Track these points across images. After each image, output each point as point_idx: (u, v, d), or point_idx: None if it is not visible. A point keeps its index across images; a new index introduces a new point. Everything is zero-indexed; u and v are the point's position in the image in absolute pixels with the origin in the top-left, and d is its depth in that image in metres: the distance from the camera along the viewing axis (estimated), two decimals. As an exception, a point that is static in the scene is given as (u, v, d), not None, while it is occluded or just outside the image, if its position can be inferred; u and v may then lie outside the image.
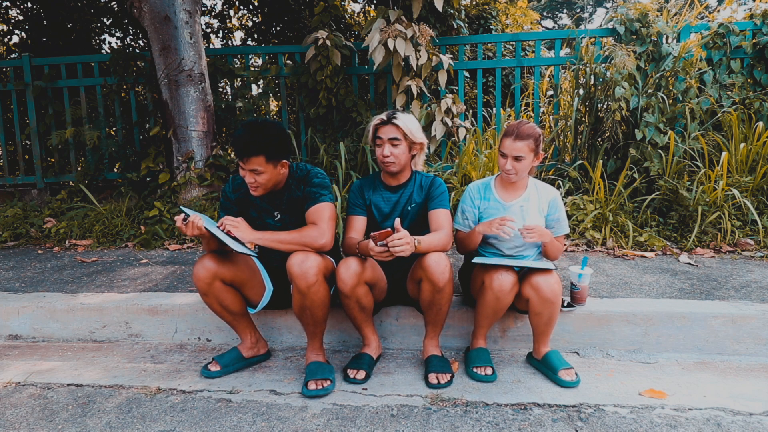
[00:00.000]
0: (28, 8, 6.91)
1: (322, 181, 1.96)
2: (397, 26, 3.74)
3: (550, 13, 20.29)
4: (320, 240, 1.83)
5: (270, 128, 1.81)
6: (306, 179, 1.96)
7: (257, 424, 1.59)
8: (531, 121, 1.99)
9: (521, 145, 1.89)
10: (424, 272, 1.81)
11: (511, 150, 1.90)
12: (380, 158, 2.01)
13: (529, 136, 1.89)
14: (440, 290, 1.81)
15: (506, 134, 1.93)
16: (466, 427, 1.55)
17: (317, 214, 1.89)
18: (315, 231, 1.84)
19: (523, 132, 1.89)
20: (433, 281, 1.79)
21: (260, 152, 1.78)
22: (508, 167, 1.93)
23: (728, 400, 1.67)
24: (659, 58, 3.86)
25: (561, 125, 4.15)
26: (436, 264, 1.78)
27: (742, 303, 2.16)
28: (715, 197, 3.21)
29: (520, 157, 1.90)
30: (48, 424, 1.61)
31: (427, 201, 2.07)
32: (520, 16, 7.19)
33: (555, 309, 1.81)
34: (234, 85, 4.69)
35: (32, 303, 2.39)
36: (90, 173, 4.43)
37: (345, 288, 1.80)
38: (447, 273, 1.80)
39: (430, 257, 1.80)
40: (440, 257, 1.81)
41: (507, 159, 1.92)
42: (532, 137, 1.89)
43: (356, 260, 1.82)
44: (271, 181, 1.87)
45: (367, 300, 1.89)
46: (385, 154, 1.98)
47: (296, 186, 1.98)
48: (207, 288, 1.85)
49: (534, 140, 1.90)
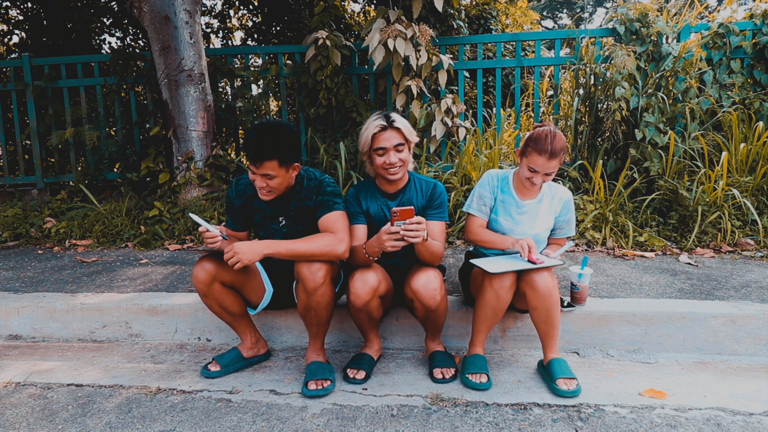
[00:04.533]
0: (28, 8, 6.92)
1: (334, 189, 1.91)
2: (397, 26, 3.74)
3: (550, 13, 20.29)
4: (341, 247, 1.78)
5: (282, 131, 1.75)
6: (318, 188, 1.90)
7: (257, 424, 1.59)
8: (557, 130, 1.86)
9: (555, 162, 1.82)
10: (415, 295, 1.78)
11: (544, 168, 1.83)
12: (383, 167, 1.86)
13: (562, 150, 1.82)
14: (433, 310, 1.82)
15: (539, 151, 1.81)
16: (466, 427, 1.55)
17: (333, 222, 1.84)
18: (334, 239, 1.79)
19: (557, 148, 1.80)
20: (424, 303, 1.78)
21: (273, 156, 1.72)
22: (537, 181, 1.88)
23: (728, 400, 1.67)
24: (659, 58, 3.86)
25: (561, 125, 4.16)
26: (425, 288, 1.75)
27: (742, 303, 2.16)
28: (715, 197, 3.21)
29: (551, 174, 1.86)
30: (48, 424, 1.61)
31: (427, 207, 1.97)
32: (520, 16, 7.19)
33: (551, 304, 1.76)
34: (234, 85, 4.69)
35: (32, 303, 2.39)
36: (90, 173, 4.43)
37: (358, 302, 1.77)
38: (438, 294, 1.77)
39: (419, 281, 1.76)
40: (429, 279, 1.76)
41: (537, 174, 1.86)
42: (564, 150, 1.82)
43: (373, 273, 1.78)
44: (282, 184, 1.82)
45: (378, 312, 1.89)
46: (392, 162, 1.84)
47: (307, 195, 1.91)
48: (206, 290, 1.85)
49: (564, 152, 1.83)
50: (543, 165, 1.83)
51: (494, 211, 2.05)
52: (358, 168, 3.93)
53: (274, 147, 1.72)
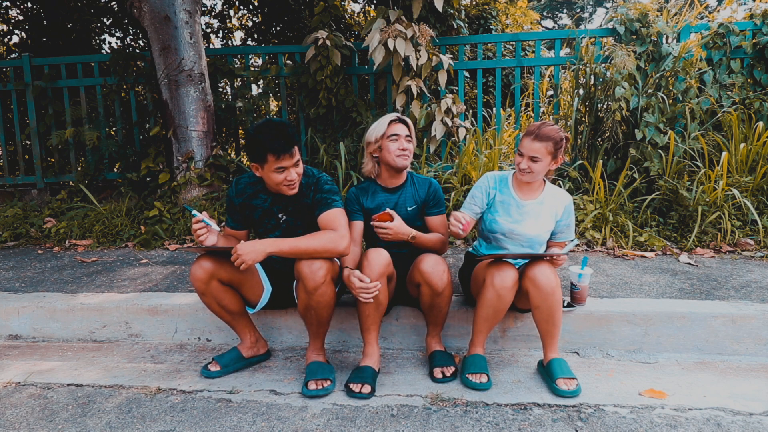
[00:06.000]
0: (28, 8, 6.92)
1: (332, 186, 1.96)
2: (397, 26, 3.74)
3: (550, 13, 20.29)
4: (342, 243, 1.80)
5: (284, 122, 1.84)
6: (316, 186, 1.94)
7: (257, 424, 1.59)
8: (556, 124, 1.94)
9: (539, 146, 1.85)
10: (422, 276, 1.81)
11: (528, 150, 1.87)
12: (395, 152, 2.03)
13: (550, 138, 1.85)
14: (439, 294, 1.83)
15: (527, 133, 1.89)
16: (466, 427, 1.55)
17: (333, 219, 1.86)
18: (336, 235, 1.80)
19: (544, 133, 1.85)
20: (432, 285, 1.80)
21: (296, 142, 1.81)
22: (523, 166, 1.90)
23: (728, 400, 1.67)
24: (659, 58, 3.86)
25: (561, 125, 4.15)
26: (433, 269, 1.79)
27: (742, 303, 2.16)
28: (715, 197, 3.21)
29: (536, 158, 1.87)
30: (48, 424, 1.61)
31: (425, 204, 2.09)
32: (520, 16, 7.19)
33: (554, 303, 1.76)
34: (234, 85, 4.69)
35: (32, 303, 2.39)
36: (90, 173, 4.43)
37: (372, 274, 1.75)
38: (445, 277, 1.80)
39: (427, 262, 1.80)
40: (437, 261, 1.81)
41: (524, 158, 1.90)
42: (552, 140, 1.85)
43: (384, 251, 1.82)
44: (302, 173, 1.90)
45: (384, 297, 1.85)
46: (403, 147, 2.03)
47: (305, 192, 1.95)
48: (204, 288, 1.85)
49: (554, 143, 1.86)
50: (527, 147, 1.87)
51: (493, 211, 2.04)
52: (358, 168, 3.93)
53: (293, 134, 1.80)
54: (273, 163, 1.78)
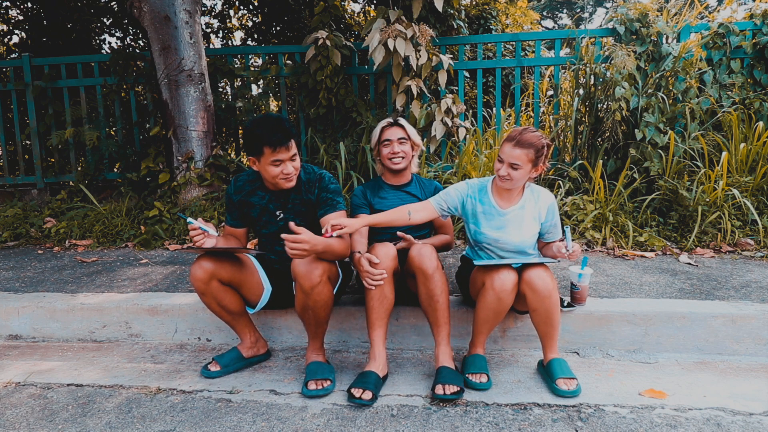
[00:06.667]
0: (28, 8, 6.92)
1: (336, 187, 1.98)
2: (397, 26, 3.74)
3: (550, 13, 20.29)
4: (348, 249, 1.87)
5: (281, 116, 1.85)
6: (320, 183, 1.95)
7: (257, 424, 1.59)
8: (539, 131, 1.87)
9: (519, 153, 1.80)
10: (412, 261, 1.85)
11: (508, 156, 1.81)
12: (389, 156, 2.19)
13: (531, 145, 1.80)
14: (430, 277, 1.81)
15: (507, 138, 1.84)
16: (466, 427, 1.55)
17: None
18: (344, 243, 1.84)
19: (525, 140, 1.79)
20: (421, 269, 1.82)
21: (292, 135, 1.83)
22: (502, 173, 1.85)
23: (728, 400, 1.67)
24: (659, 58, 3.86)
25: (561, 125, 4.15)
26: (418, 254, 1.83)
27: (742, 303, 2.16)
28: (715, 197, 3.21)
29: (516, 166, 1.81)
30: (48, 424, 1.61)
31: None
32: (520, 16, 7.19)
33: (551, 305, 1.75)
34: (234, 85, 4.69)
35: (32, 303, 2.39)
36: (90, 173, 4.43)
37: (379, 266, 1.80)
38: (433, 260, 1.83)
39: (414, 249, 1.86)
40: (424, 247, 1.86)
41: (503, 164, 1.84)
42: (533, 147, 1.80)
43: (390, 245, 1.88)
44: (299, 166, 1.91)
45: (390, 291, 1.85)
46: (395, 151, 2.18)
47: (308, 188, 1.96)
48: (204, 288, 1.85)
49: (535, 150, 1.80)
50: (508, 153, 1.82)
51: (476, 222, 1.99)
52: (358, 168, 3.93)
53: (289, 128, 1.82)
54: (269, 156, 1.79)
